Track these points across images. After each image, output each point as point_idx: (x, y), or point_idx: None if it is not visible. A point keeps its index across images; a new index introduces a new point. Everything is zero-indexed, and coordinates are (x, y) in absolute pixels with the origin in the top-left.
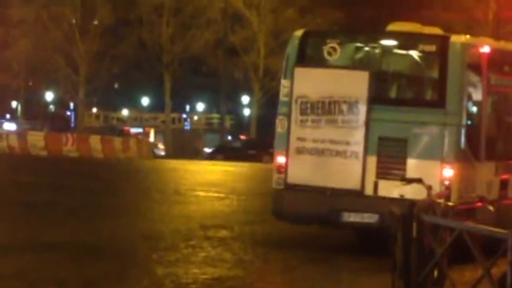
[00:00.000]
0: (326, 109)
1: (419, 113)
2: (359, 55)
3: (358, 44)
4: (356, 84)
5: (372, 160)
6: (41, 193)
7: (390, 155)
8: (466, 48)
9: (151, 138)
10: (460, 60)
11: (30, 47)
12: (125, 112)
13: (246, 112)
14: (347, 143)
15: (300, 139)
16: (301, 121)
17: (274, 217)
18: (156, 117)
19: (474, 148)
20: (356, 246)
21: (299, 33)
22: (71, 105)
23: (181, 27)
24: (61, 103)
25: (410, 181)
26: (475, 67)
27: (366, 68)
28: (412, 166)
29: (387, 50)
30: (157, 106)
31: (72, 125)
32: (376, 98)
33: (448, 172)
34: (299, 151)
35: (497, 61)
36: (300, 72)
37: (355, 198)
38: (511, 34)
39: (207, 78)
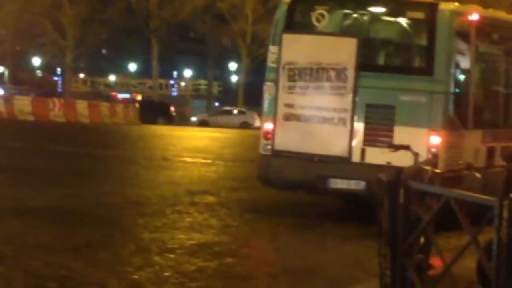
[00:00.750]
0: (314, 75)
1: (407, 80)
2: (347, 21)
3: (347, 11)
4: (344, 51)
5: (359, 127)
6: (27, 158)
7: (377, 122)
8: (454, 15)
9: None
10: (448, 27)
11: (17, 12)
12: (112, 78)
13: (234, 78)
14: (335, 110)
15: (288, 105)
16: (289, 87)
17: (260, 183)
18: (143, 83)
19: (462, 116)
20: (343, 213)
21: None
22: (58, 70)
23: None
24: (48, 68)
25: (398, 147)
26: (463, 34)
27: (354, 35)
28: (400, 133)
29: (375, 17)
30: (145, 72)
31: (59, 90)
32: (364, 65)
33: (435, 139)
34: (287, 117)
35: (486, 29)
36: (288, 39)
37: (342, 165)
38: (499, 2)
39: (194, 45)
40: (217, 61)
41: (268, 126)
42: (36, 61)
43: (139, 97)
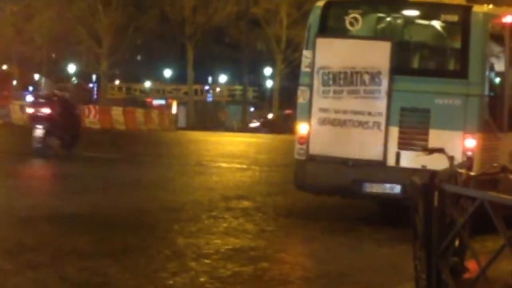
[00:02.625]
0: (348, 79)
1: (442, 83)
2: (381, 25)
3: (380, 15)
4: (378, 54)
5: (394, 131)
6: (63, 164)
7: (412, 125)
8: (488, 18)
9: (174, 110)
10: (482, 30)
11: (52, 19)
12: (147, 84)
13: (269, 83)
14: (369, 113)
15: (322, 110)
16: (323, 91)
17: (296, 188)
18: (178, 88)
19: (497, 119)
20: (378, 217)
21: (321, 3)
22: (94, 77)
23: None
24: (83, 76)
25: (432, 151)
26: (497, 37)
27: (388, 38)
28: (434, 136)
29: (409, 20)
30: (180, 78)
31: (95, 97)
32: (398, 69)
33: (471, 142)
34: (321, 122)
35: None
36: (322, 43)
37: (377, 168)
38: None
39: (229, 50)
40: (251, 66)
41: (303, 130)
42: (72, 68)
43: (174, 103)
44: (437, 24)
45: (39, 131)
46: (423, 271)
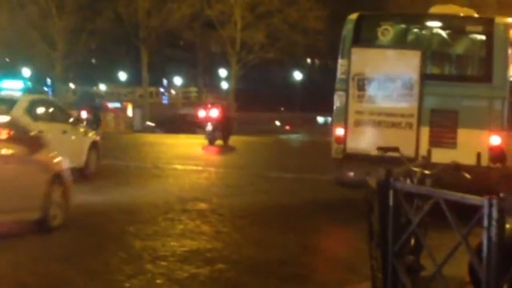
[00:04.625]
0: (381, 85)
1: (468, 87)
2: (411, 36)
3: (410, 26)
4: (409, 62)
5: (425, 130)
6: None
7: (441, 125)
8: (508, 28)
9: (129, 113)
10: (504, 39)
11: (5, 23)
12: (102, 87)
13: (224, 85)
14: (402, 115)
15: (358, 112)
16: (359, 96)
17: (334, 184)
18: (133, 91)
19: None
20: (335, 215)
21: (353, 16)
22: (48, 80)
23: (157, 0)
24: (38, 79)
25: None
26: None
27: (418, 47)
28: (462, 135)
29: (436, 31)
30: (135, 81)
31: None
32: (428, 75)
33: (496, 139)
34: (357, 123)
35: None
36: (357, 52)
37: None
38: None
39: (184, 52)
40: (206, 68)
41: (340, 131)
42: (26, 72)
43: (129, 106)
44: (463, 34)
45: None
46: (380, 270)
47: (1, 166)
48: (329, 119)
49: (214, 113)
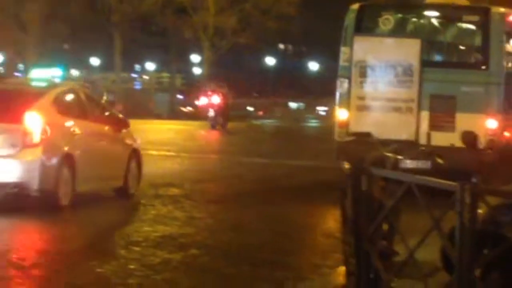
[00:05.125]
0: (383, 71)
1: (466, 74)
2: (411, 25)
3: (410, 16)
4: (410, 50)
5: (425, 115)
6: None
7: (440, 110)
8: (504, 17)
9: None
10: (500, 28)
11: None
12: (75, 72)
13: (197, 71)
14: (403, 100)
15: (360, 98)
16: (361, 82)
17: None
18: (106, 77)
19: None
20: (309, 201)
21: (355, 6)
22: (21, 66)
23: None
24: (10, 65)
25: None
26: (510, 33)
27: (417, 36)
28: (460, 119)
29: (436, 20)
30: (107, 67)
31: None
32: (428, 62)
33: (493, 123)
34: (359, 108)
35: None
36: (359, 40)
37: (410, 147)
38: None
39: (157, 38)
40: (179, 54)
41: (343, 116)
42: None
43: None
44: (460, 23)
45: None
46: (353, 255)
47: (97, 143)
48: (302, 104)
49: (216, 100)
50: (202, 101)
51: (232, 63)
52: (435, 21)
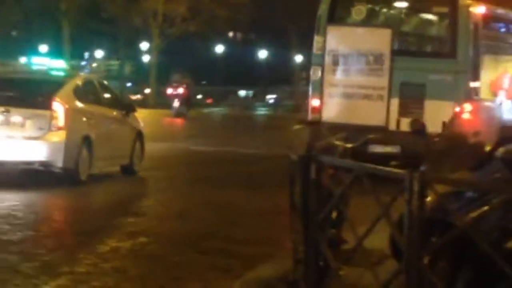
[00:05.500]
0: (355, 60)
1: (435, 62)
2: (382, 15)
3: (381, 6)
4: (381, 39)
5: (395, 102)
6: None
7: (410, 97)
8: (471, 8)
9: None
10: (467, 19)
11: None
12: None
13: (146, 58)
14: (373, 88)
15: (333, 85)
16: (333, 70)
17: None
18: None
19: (476, 89)
20: (257, 188)
21: None
22: None
23: None
24: None
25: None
26: (476, 24)
27: (389, 26)
28: (429, 106)
29: (407, 11)
30: (56, 54)
31: None
32: (398, 51)
33: (459, 109)
34: (332, 95)
35: (490, 19)
36: (332, 30)
37: (380, 132)
38: None
39: (106, 25)
40: (128, 41)
41: (316, 102)
42: None
43: None
44: (430, 14)
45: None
46: (301, 243)
47: (110, 126)
48: (250, 92)
49: (180, 90)
50: (168, 91)
51: (182, 51)
52: (405, 12)
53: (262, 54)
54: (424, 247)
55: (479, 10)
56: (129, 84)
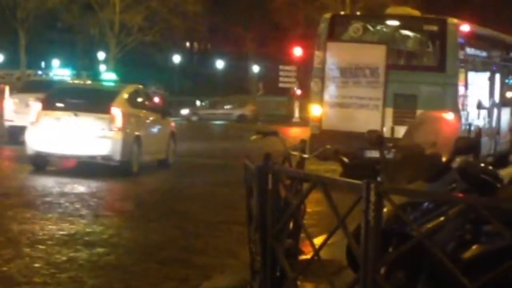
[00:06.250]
0: (352, 73)
1: (426, 75)
2: (377, 32)
3: (376, 24)
4: (376, 54)
5: (389, 111)
6: None
7: (403, 107)
8: (458, 27)
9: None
10: (455, 35)
11: None
12: None
13: (103, 68)
14: (370, 98)
15: (332, 96)
16: (333, 82)
17: (312, 157)
18: (11, 74)
19: (462, 101)
20: (214, 199)
21: (328, 15)
22: None
23: None
24: None
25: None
26: (462, 41)
27: (384, 42)
28: None
29: (399, 29)
30: (12, 63)
31: None
32: (392, 65)
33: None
34: (331, 105)
35: (473, 36)
36: (332, 46)
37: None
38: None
39: (63, 34)
40: (85, 51)
41: (317, 112)
42: None
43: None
44: (421, 31)
45: None
46: (258, 253)
47: (153, 126)
48: (207, 102)
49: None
50: None
51: (139, 61)
52: (399, 30)
53: (219, 64)
54: (380, 257)
55: (464, 28)
56: None
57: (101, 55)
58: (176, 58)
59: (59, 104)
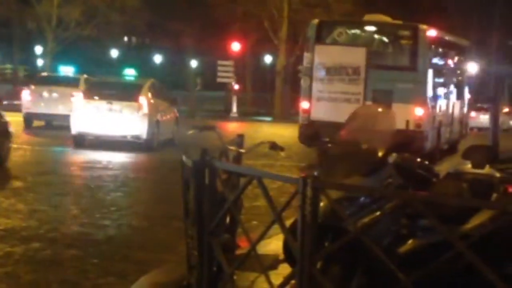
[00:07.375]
0: (337, 71)
1: (400, 74)
2: (359, 37)
3: (358, 30)
4: (358, 55)
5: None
6: None
7: (381, 101)
8: (427, 32)
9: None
10: (425, 40)
11: None
12: None
13: (40, 62)
14: (352, 93)
15: (319, 91)
16: (320, 79)
17: (301, 143)
18: None
19: (431, 96)
20: (152, 195)
21: (315, 21)
22: None
23: None
24: None
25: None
26: (430, 44)
27: (364, 45)
28: (396, 108)
29: (377, 33)
30: None
31: None
32: (371, 65)
33: (420, 111)
34: (319, 99)
35: (439, 40)
36: (319, 48)
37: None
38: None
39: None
40: (22, 45)
41: (306, 105)
42: None
43: None
44: (396, 36)
45: None
46: (195, 248)
47: (165, 112)
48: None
49: None
50: None
51: (79, 55)
52: (378, 34)
53: (157, 59)
54: (317, 252)
55: (432, 33)
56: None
57: (38, 50)
58: (114, 53)
59: (96, 95)
